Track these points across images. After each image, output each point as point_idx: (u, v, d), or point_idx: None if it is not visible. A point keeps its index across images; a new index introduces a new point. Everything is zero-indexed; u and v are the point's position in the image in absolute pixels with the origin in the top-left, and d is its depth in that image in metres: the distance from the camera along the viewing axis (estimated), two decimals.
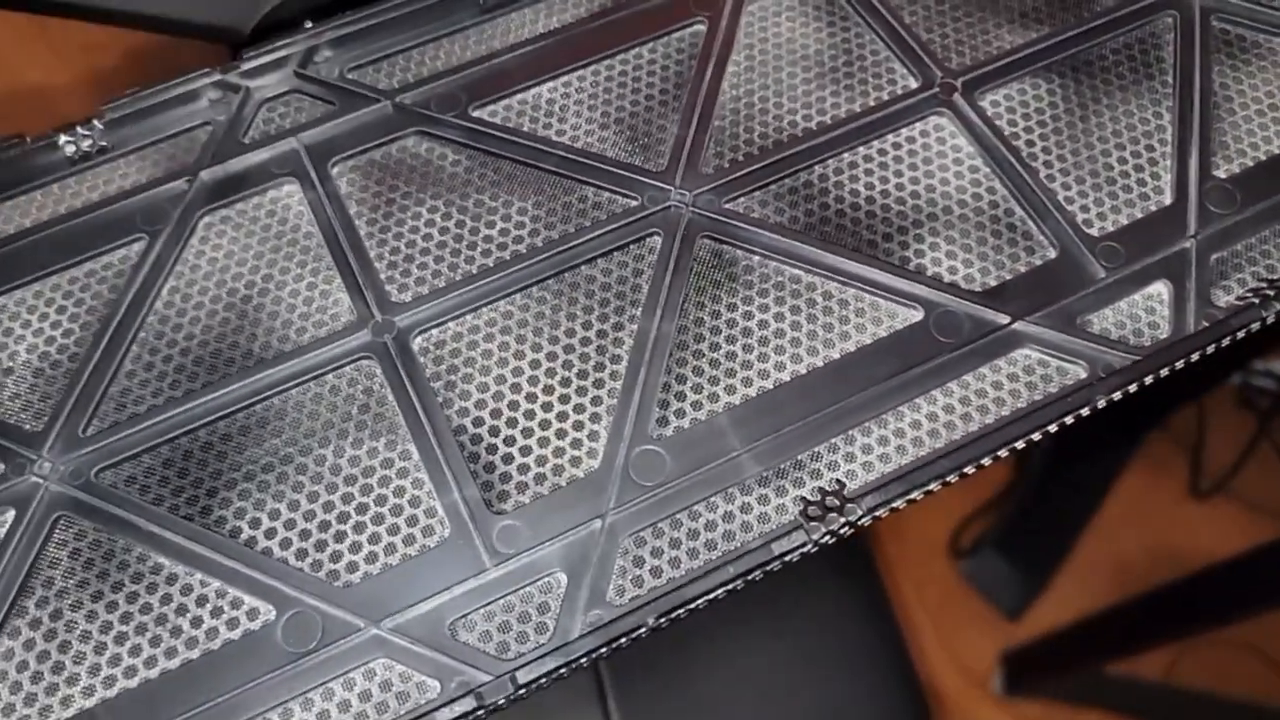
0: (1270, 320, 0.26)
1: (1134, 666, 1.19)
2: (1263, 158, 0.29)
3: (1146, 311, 0.27)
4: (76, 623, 0.24)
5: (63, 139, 0.30)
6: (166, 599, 0.25)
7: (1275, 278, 0.27)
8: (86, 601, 0.25)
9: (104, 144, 0.30)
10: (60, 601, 0.25)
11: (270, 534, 0.25)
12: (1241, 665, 1.21)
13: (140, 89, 0.31)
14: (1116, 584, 1.04)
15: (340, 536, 0.25)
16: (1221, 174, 0.29)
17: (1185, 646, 1.21)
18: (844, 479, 0.25)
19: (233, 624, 0.24)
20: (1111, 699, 1.20)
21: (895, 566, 1.21)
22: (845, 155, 0.30)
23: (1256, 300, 0.26)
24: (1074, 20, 0.32)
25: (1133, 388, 0.26)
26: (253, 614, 0.24)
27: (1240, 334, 0.26)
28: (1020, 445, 0.25)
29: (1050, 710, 1.16)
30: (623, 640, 0.23)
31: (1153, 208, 0.29)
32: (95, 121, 0.30)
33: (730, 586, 0.24)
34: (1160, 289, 0.28)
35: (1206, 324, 0.26)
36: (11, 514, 0.26)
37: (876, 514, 0.24)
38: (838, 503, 0.24)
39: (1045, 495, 1.28)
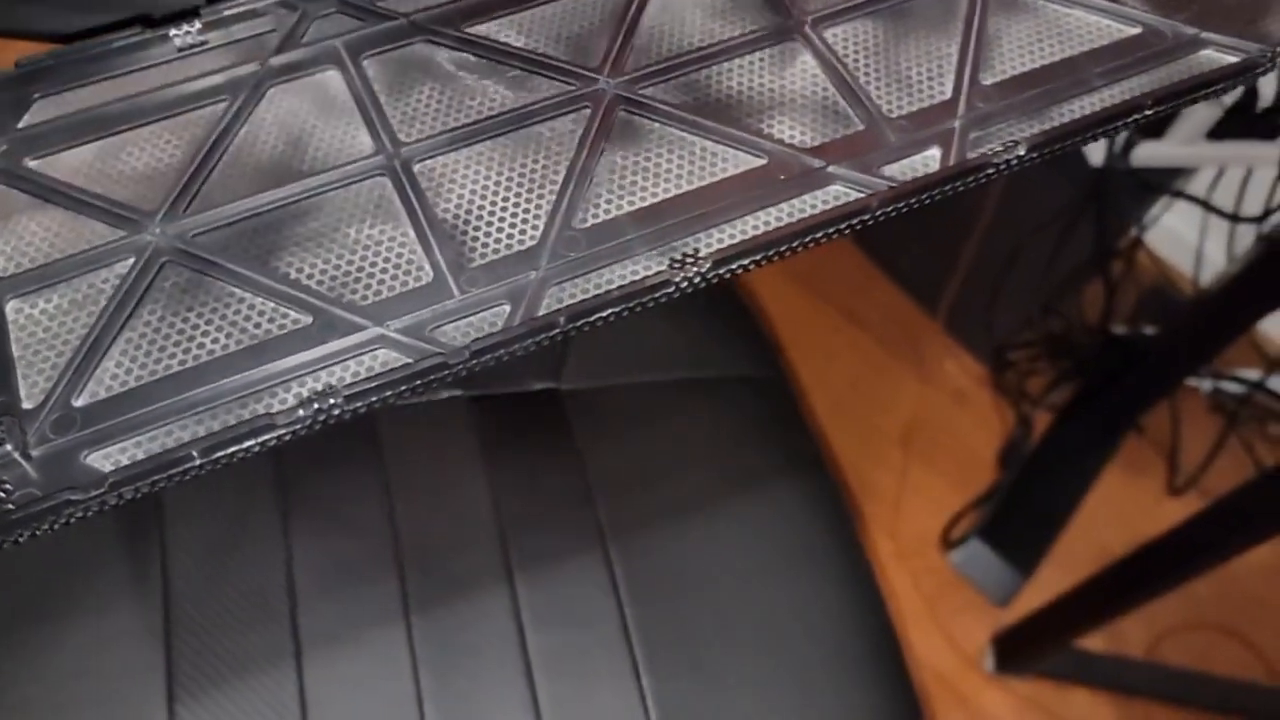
0: (1001, 167, 0.38)
1: (1118, 647, 1.28)
2: (1015, 73, 0.42)
3: (924, 164, 0.40)
4: (175, 323, 0.36)
5: (172, 32, 0.42)
6: (237, 311, 0.36)
7: (1008, 144, 0.39)
8: (182, 311, 0.36)
9: (202, 39, 0.43)
10: (165, 311, 0.36)
11: (310, 276, 0.37)
12: (1220, 647, 1.31)
13: (228, 4, 0.43)
14: None
15: (358, 279, 0.37)
16: (986, 82, 0.42)
17: (1167, 629, 1.31)
18: (702, 251, 0.37)
19: (282, 326, 0.36)
20: (1097, 676, 1.29)
21: (893, 560, 1.32)
22: (725, 63, 0.42)
23: (990, 154, 0.39)
24: None
25: (902, 205, 0.38)
26: (296, 321, 0.36)
27: (981, 178, 0.38)
28: (820, 238, 0.37)
29: (1039, 686, 1.26)
30: (544, 334, 0.35)
31: (935, 100, 0.41)
32: (197, 22, 0.43)
33: (619, 310, 0.36)
34: (934, 151, 0.40)
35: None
36: (132, 259, 0.37)
37: (719, 271, 0.36)
38: (693, 260, 0.36)
39: (1030, 493, 1.39)
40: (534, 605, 0.55)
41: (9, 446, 0.33)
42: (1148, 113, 0.40)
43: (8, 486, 0.33)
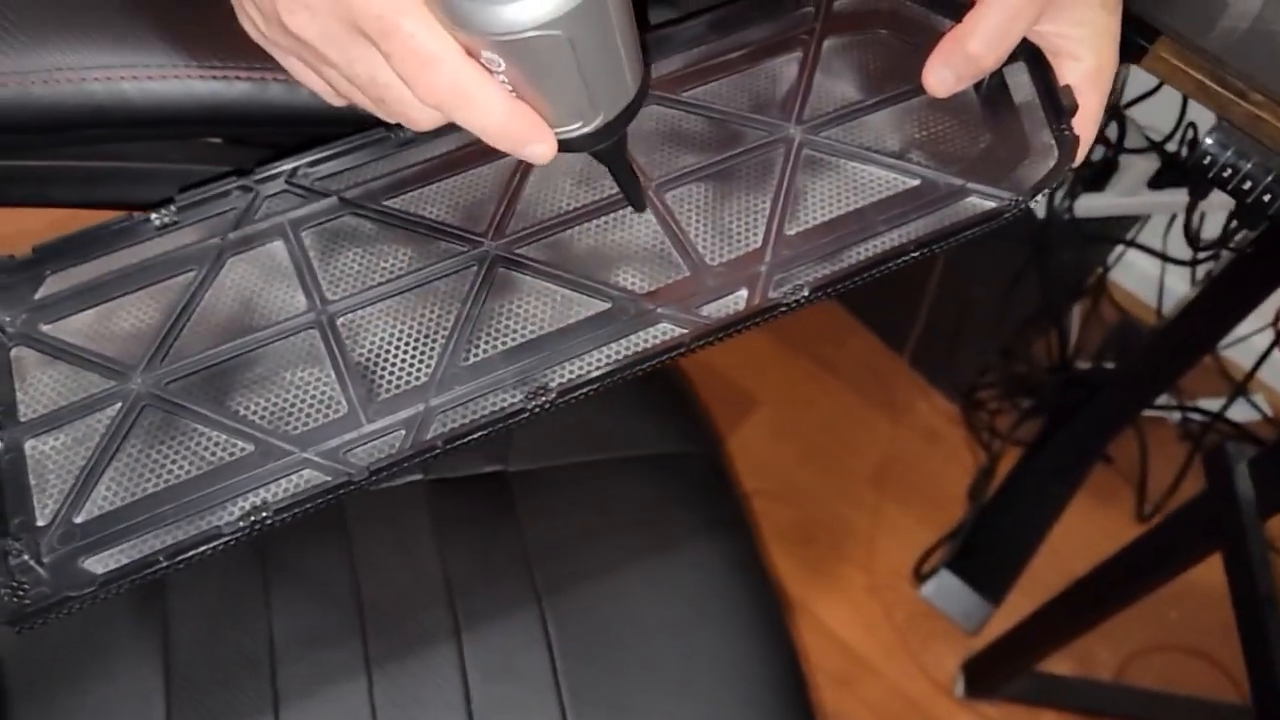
0: (791, 305, 0.49)
1: (1087, 670, 1.35)
2: (815, 223, 0.52)
3: (734, 304, 0.50)
4: (151, 454, 0.48)
5: (153, 215, 0.54)
6: (198, 443, 0.48)
7: (796, 286, 0.50)
8: (156, 444, 0.48)
9: (176, 219, 0.54)
10: (144, 444, 0.48)
11: (255, 412, 0.49)
12: (1188, 668, 1.38)
13: (198, 187, 0.55)
14: None
15: (291, 413, 0.48)
16: (790, 232, 0.52)
17: (1135, 652, 1.38)
18: (551, 384, 0.48)
19: (231, 454, 0.47)
20: (1065, 699, 1.37)
21: (867, 593, 1.41)
22: (585, 224, 0.53)
23: (781, 297, 0.49)
24: (728, 148, 0.55)
25: (712, 338, 0.48)
26: (242, 449, 0.47)
27: (776, 314, 0.49)
28: (646, 367, 0.48)
29: (1008, 710, 1.34)
30: (426, 454, 0.46)
31: (748, 249, 0.52)
32: (172, 205, 0.54)
33: (485, 433, 0.47)
34: (742, 292, 0.50)
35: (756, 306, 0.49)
36: (119, 404, 0.49)
37: (565, 399, 0.47)
38: (544, 392, 0.47)
39: (997, 525, 1.48)
40: (477, 661, 0.66)
41: (27, 556, 0.45)
42: (913, 255, 0.50)
43: (26, 586, 0.44)
